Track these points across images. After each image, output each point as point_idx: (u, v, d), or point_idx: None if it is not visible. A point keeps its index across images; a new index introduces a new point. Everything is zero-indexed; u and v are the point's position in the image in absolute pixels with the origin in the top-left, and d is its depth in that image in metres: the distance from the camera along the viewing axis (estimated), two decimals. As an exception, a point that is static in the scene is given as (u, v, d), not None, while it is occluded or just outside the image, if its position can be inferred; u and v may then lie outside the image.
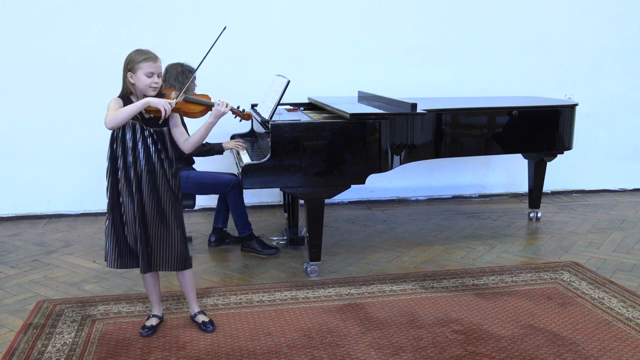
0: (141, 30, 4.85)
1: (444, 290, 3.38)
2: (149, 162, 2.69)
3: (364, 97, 4.67)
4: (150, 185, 2.70)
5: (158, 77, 2.68)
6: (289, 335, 2.84)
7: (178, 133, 2.78)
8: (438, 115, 4.00)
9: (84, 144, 4.97)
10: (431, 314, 3.06)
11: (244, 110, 2.91)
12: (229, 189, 3.97)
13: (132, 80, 2.67)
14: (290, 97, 4.22)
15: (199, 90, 3.75)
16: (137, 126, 2.68)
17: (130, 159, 2.68)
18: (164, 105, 2.59)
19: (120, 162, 2.69)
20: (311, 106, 4.56)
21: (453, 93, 5.25)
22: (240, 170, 3.51)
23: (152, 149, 2.69)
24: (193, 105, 2.77)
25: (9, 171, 4.93)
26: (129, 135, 2.68)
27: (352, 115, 3.48)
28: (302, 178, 3.43)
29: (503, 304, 3.17)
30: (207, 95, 2.85)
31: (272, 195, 5.37)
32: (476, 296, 3.28)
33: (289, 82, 3.51)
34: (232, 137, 4.46)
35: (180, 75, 3.86)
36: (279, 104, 3.53)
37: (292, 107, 4.45)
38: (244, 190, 3.97)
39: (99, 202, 5.11)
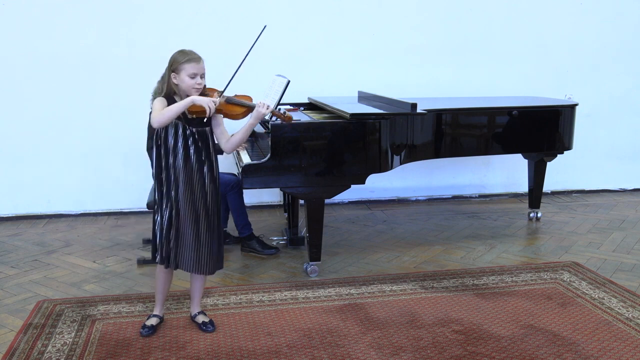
0: (141, 31, 4.86)
1: (444, 290, 3.38)
2: (187, 162, 2.70)
3: (364, 97, 4.67)
4: (187, 186, 2.71)
5: (201, 77, 2.69)
6: (289, 335, 2.84)
7: (220, 133, 2.79)
8: (438, 115, 4.00)
9: (84, 144, 4.98)
10: (431, 314, 3.06)
11: (284, 113, 2.90)
12: (229, 188, 3.97)
13: (175, 81, 2.68)
14: (290, 97, 4.22)
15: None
16: (180, 126, 2.68)
17: (171, 159, 2.69)
18: (208, 103, 2.59)
19: (163, 162, 2.71)
20: (311, 106, 4.56)
21: (453, 93, 5.25)
22: (240, 170, 3.51)
23: (192, 149, 2.70)
24: (235, 106, 2.78)
25: (9, 171, 4.93)
26: (171, 135, 2.69)
27: (352, 115, 3.48)
28: (302, 178, 3.43)
29: (503, 304, 3.17)
30: (249, 97, 2.86)
31: (272, 195, 5.37)
32: (476, 296, 3.28)
33: (289, 82, 3.51)
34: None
35: None
36: (279, 104, 3.53)
37: (292, 107, 4.45)
38: (244, 190, 3.97)
39: (99, 202, 5.12)
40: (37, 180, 4.98)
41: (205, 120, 2.67)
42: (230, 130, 2.89)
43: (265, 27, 2.86)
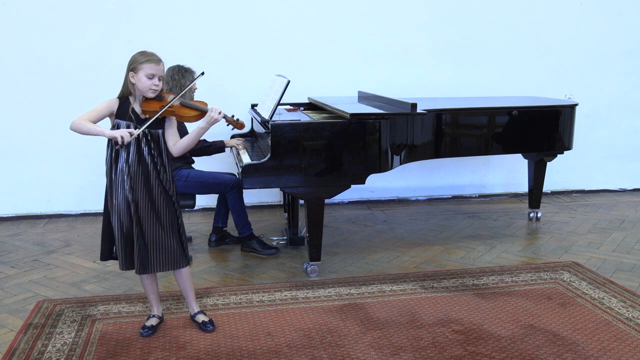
0: (141, 31, 4.85)
1: (444, 290, 3.38)
2: (141, 163, 2.70)
3: (364, 97, 4.67)
4: (144, 187, 2.71)
5: (159, 79, 2.69)
6: (289, 335, 2.84)
7: (169, 136, 2.78)
8: (438, 115, 4.00)
9: (84, 144, 4.95)
10: (431, 314, 3.06)
11: (237, 120, 2.90)
12: (228, 188, 3.97)
13: (133, 80, 2.68)
14: (290, 97, 4.22)
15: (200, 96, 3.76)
16: (132, 126, 2.69)
17: (123, 160, 2.69)
18: (121, 134, 2.60)
19: (114, 164, 2.70)
20: (311, 106, 4.56)
21: (453, 93, 5.26)
22: (240, 170, 3.51)
23: (146, 150, 2.71)
24: (188, 109, 2.80)
25: (9, 171, 4.93)
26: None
27: (352, 115, 3.48)
28: (302, 178, 3.43)
29: (503, 304, 3.17)
30: (204, 102, 2.87)
31: (272, 195, 5.37)
32: (476, 296, 3.28)
33: (289, 82, 3.52)
34: (232, 137, 4.46)
35: (176, 74, 3.88)
36: (279, 104, 3.53)
37: (292, 107, 4.45)
38: (244, 190, 3.97)
39: (99, 202, 5.03)
40: (37, 180, 4.98)
41: (123, 144, 2.64)
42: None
43: (203, 73, 2.89)
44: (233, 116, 2.90)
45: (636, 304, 3.15)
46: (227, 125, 2.91)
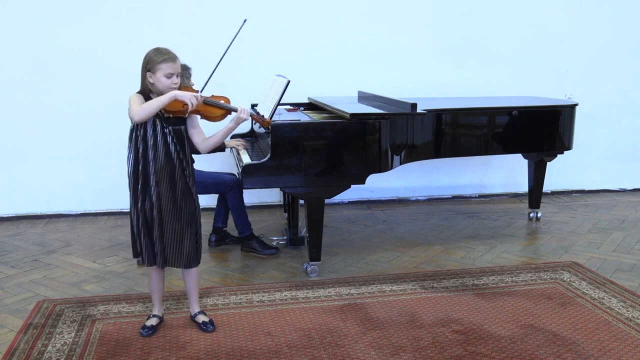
0: (141, 31, 4.85)
1: (444, 290, 3.38)
2: (168, 159, 2.70)
3: (364, 97, 4.67)
4: (168, 182, 2.71)
5: (177, 77, 2.68)
6: (289, 335, 2.84)
7: (195, 133, 2.79)
8: (438, 115, 4.00)
9: (84, 144, 4.98)
10: (431, 314, 3.06)
11: (263, 117, 2.93)
12: (229, 188, 3.97)
13: (151, 80, 2.67)
14: (290, 97, 4.22)
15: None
16: (158, 123, 2.68)
17: (150, 155, 2.68)
18: (190, 98, 2.59)
19: (141, 159, 2.69)
20: (311, 106, 4.56)
21: (453, 93, 5.25)
22: (240, 170, 3.51)
23: (172, 147, 2.70)
24: (213, 108, 2.79)
25: (9, 171, 4.93)
26: (150, 132, 2.68)
27: (352, 115, 3.48)
28: (302, 178, 3.43)
29: (503, 304, 3.17)
30: (226, 98, 2.85)
31: (272, 195, 5.37)
32: (476, 296, 3.28)
33: (289, 82, 3.51)
34: (232, 137, 4.45)
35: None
36: (279, 104, 3.53)
37: (292, 107, 4.45)
38: (244, 190, 3.97)
39: (99, 202, 5.12)
40: (37, 180, 4.98)
41: (187, 115, 2.66)
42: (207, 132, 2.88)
43: (245, 20, 2.86)
44: (258, 113, 2.91)
45: (636, 304, 3.15)
46: (254, 123, 2.93)
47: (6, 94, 4.82)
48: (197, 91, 2.76)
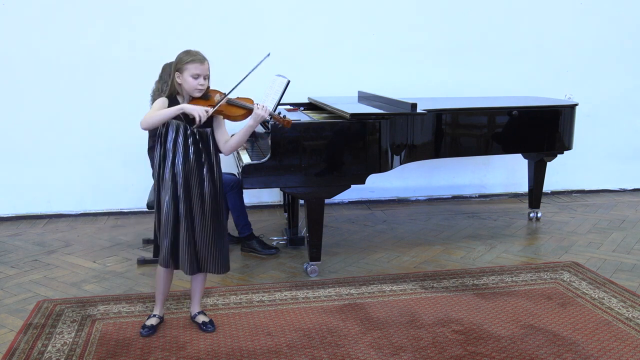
0: (142, 31, 4.85)
1: (444, 290, 3.38)
2: (186, 162, 2.69)
3: (364, 97, 4.67)
4: (185, 186, 2.70)
5: (204, 79, 2.68)
6: (289, 335, 2.84)
7: (220, 135, 2.78)
8: (438, 115, 4.00)
9: (84, 144, 4.98)
10: (431, 314, 3.06)
11: (284, 117, 2.91)
12: (228, 188, 3.97)
13: (179, 81, 2.68)
14: (290, 97, 4.22)
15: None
16: (181, 127, 2.68)
17: (171, 158, 2.69)
18: (199, 112, 2.59)
19: (164, 162, 2.71)
20: (311, 106, 4.56)
21: (453, 93, 5.25)
22: (240, 170, 3.51)
23: (192, 149, 2.69)
24: (235, 108, 2.78)
25: (9, 171, 4.93)
26: (170, 136, 2.68)
27: (352, 115, 3.48)
28: (302, 178, 3.43)
29: (503, 304, 3.17)
30: (250, 99, 2.85)
31: (272, 195, 5.37)
32: (476, 296, 3.28)
33: (289, 82, 3.51)
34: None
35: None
36: (279, 104, 3.53)
37: (292, 107, 4.45)
38: (244, 190, 3.97)
39: (99, 202, 5.12)
40: (37, 180, 4.98)
41: (198, 125, 2.65)
42: (231, 131, 2.89)
43: (269, 54, 2.86)
44: (279, 113, 2.89)
45: (636, 304, 3.15)
46: (274, 123, 2.90)
47: (6, 94, 4.81)
48: (224, 94, 2.75)
